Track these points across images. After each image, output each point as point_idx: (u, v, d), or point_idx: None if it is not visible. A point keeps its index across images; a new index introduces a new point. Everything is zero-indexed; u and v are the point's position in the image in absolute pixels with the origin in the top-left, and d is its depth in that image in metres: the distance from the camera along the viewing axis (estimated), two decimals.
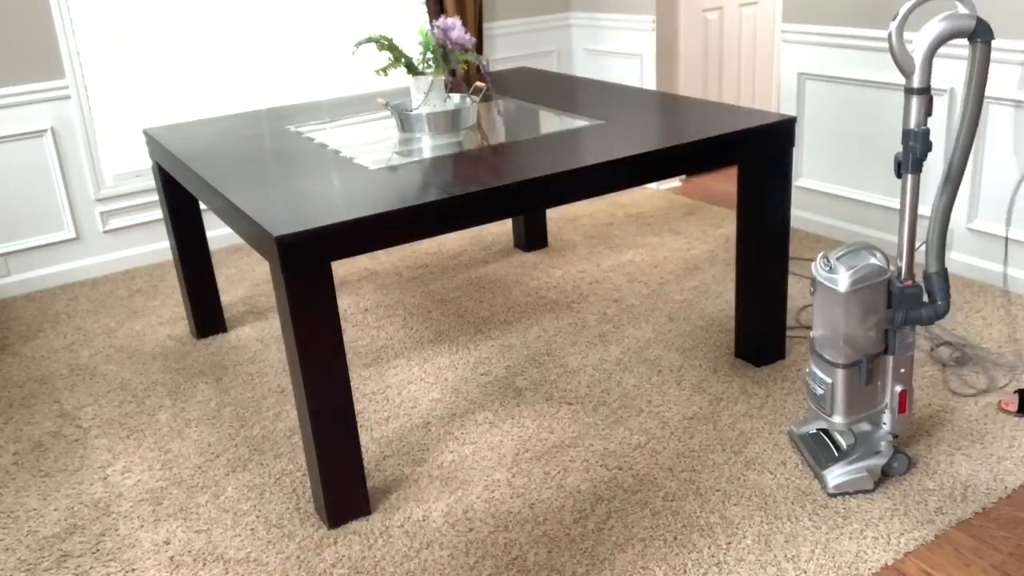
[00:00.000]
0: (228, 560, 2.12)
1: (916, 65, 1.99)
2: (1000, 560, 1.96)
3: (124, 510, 2.34)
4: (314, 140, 2.73)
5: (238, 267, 3.99)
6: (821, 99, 3.76)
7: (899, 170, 2.09)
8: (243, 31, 4.10)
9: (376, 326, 3.31)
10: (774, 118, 2.56)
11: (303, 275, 1.97)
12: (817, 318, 2.17)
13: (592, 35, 4.82)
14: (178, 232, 3.14)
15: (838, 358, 2.12)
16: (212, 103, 4.12)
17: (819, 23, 3.66)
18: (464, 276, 3.72)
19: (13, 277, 3.83)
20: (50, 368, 3.15)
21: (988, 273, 3.27)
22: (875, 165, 3.62)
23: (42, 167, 3.79)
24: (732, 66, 4.92)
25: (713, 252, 3.77)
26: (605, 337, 3.09)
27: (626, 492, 2.26)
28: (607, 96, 3.06)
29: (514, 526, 2.17)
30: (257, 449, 2.57)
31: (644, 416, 2.59)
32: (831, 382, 2.15)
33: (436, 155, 2.46)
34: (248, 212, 2.08)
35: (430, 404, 2.75)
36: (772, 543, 2.04)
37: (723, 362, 2.86)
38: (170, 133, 2.98)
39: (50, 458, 2.60)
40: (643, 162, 2.36)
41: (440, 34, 2.67)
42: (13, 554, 2.20)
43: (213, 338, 3.29)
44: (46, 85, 3.71)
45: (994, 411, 2.48)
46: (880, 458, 2.19)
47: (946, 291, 2.11)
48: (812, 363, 2.22)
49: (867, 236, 3.70)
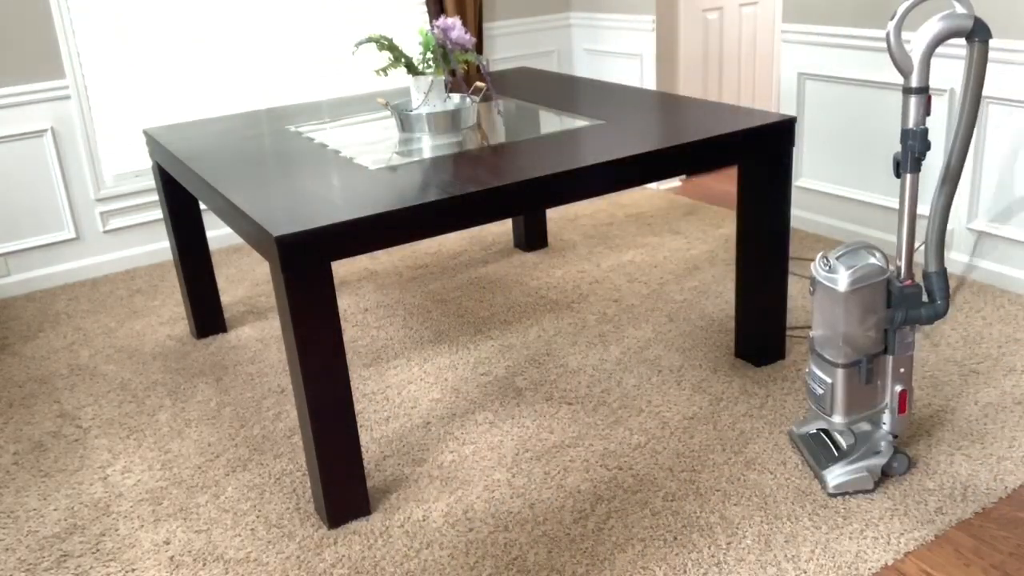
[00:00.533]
0: (228, 560, 2.12)
1: (914, 65, 1.99)
2: (1000, 560, 1.96)
3: (124, 510, 2.34)
4: (314, 140, 2.73)
5: (238, 267, 3.99)
6: (821, 99, 3.76)
7: (898, 170, 2.09)
8: (243, 31, 4.10)
9: (376, 326, 3.31)
10: (774, 118, 2.56)
11: (303, 275, 1.97)
12: (816, 318, 2.17)
13: (592, 35, 4.82)
14: (178, 232, 3.14)
15: (838, 358, 2.12)
16: (212, 103, 4.12)
17: (819, 23, 3.66)
18: (464, 276, 3.72)
19: (13, 277, 3.83)
20: (50, 368, 3.15)
21: (988, 273, 3.27)
22: (875, 165, 3.62)
23: (42, 167, 3.79)
24: (732, 66, 4.92)
25: (713, 252, 3.77)
26: (605, 337, 3.09)
27: (626, 492, 2.26)
28: (607, 96, 3.06)
29: (514, 526, 2.17)
30: (257, 449, 2.57)
31: (644, 416, 2.59)
32: (831, 382, 2.15)
33: (436, 155, 2.46)
34: (248, 212, 2.09)
35: (430, 404, 2.75)
36: (772, 543, 2.04)
37: (723, 362, 2.86)
38: (170, 133, 2.98)
39: (50, 458, 2.60)
40: (643, 162, 2.36)
41: (440, 34, 2.67)
42: (13, 554, 2.20)
43: (213, 338, 3.29)
44: (46, 85, 3.71)
45: (994, 411, 2.48)
46: (880, 458, 2.19)
47: (945, 291, 2.11)
48: (812, 363, 2.22)
49: (867, 236, 3.70)
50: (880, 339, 2.13)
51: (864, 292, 2.06)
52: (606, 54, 4.75)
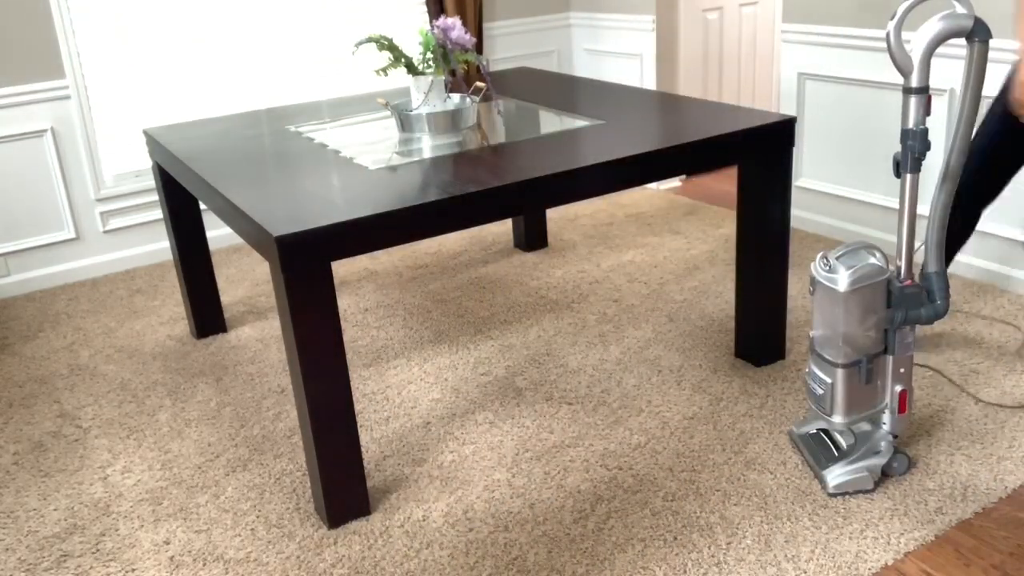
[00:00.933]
0: (228, 560, 2.12)
1: (915, 64, 1.99)
2: (1000, 560, 1.96)
3: (124, 510, 2.34)
4: (314, 140, 2.73)
5: (238, 267, 3.99)
6: (821, 99, 3.76)
7: (898, 170, 2.09)
8: (243, 31, 4.10)
9: (376, 326, 3.31)
10: (774, 118, 2.56)
11: (303, 275, 1.97)
12: (817, 318, 2.17)
13: (592, 35, 4.82)
14: (178, 232, 3.14)
15: (838, 358, 2.12)
16: (212, 103, 4.12)
17: (819, 23, 3.66)
18: (464, 276, 3.72)
19: (13, 277, 3.83)
20: (50, 368, 3.15)
21: (988, 273, 3.27)
22: (875, 165, 3.62)
23: (42, 167, 3.79)
24: (732, 66, 4.92)
25: (713, 252, 3.77)
26: (605, 337, 3.09)
27: (626, 492, 2.26)
28: (607, 96, 3.06)
29: (514, 526, 2.17)
30: (257, 449, 2.57)
31: (644, 416, 2.59)
32: (831, 382, 2.15)
33: (436, 155, 2.46)
34: (248, 212, 2.09)
35: (430, 404, 2.75)
36: (772, 543, 2.04)
37: (723, 362, 2.86)
38: (170, 133, 2.98)
39: (50, 458, 2.60)
40: (643, 162, 2.36)
41: (440, 34, 2.67)
42: (13, 554, 2.20)
43: (213, 338, 3.29)
44: (46, 85, 3.71)
45: (994, 411, 2.48)
46: (880, 458, 2.19)
47: (945, 290, 2.11)
48: (812, 363, 2.22)
49: (867, 236, 3.70)
50: (880, 339, 2.13)
51: (864, 292, 2.06)
52: (606, 54, 4.76)
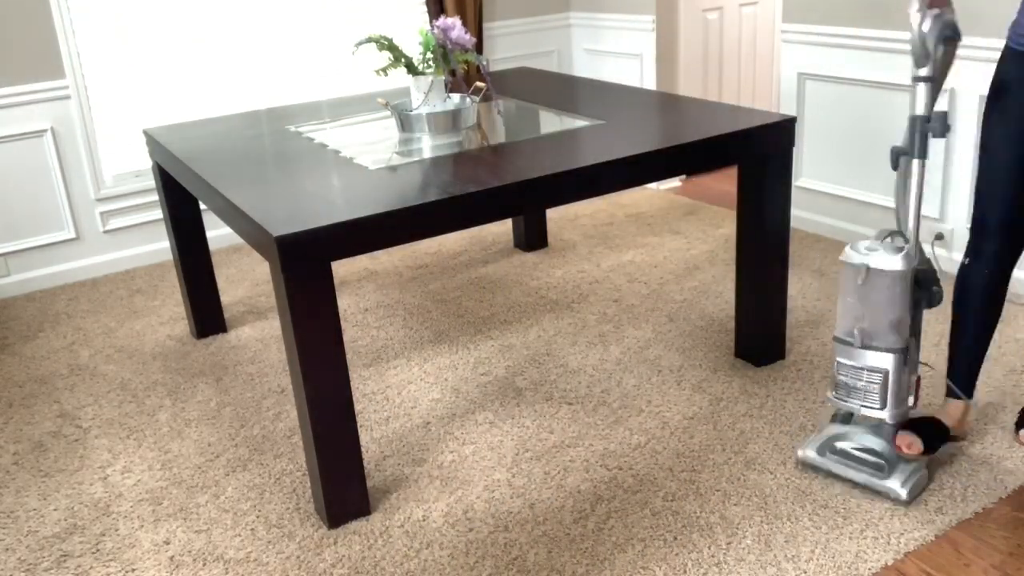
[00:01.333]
0: (228, 560, 2.12)
1: (931, 51, 1.98)
2: (1000, 560, 1.96)
3: (124, 510, 2.34)
4: (314, 140, 2.73)
5: (238, 267, 3.99)
6: (821, 99, 3.76)
7: (896, 162, 2.09)
8: (243, 31, 4.10)
9: (376, 326, 3.31)
10: (774, 118, 2.56)
11: (303, 275, 1.97)
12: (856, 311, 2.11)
13: (592, 35, 4.82)
14: (178, 232, 3.14)
15: (896, 344, 2.08)
16: (212, 103, 4.12)
17: (819, 23, 3.66)
18: (464, 276, 3.72)
19: (13, 277, 3.83)
20: (50, 368, 3.15)
21: None
22: (875, 165, 3.62)
23: (42, 167, 3.79)
24: (732, 66, 4.92)
25: (713, 252, 3.77)
26: (605, 337, 3.09)
27: (626, 492, 2.26)
28: (607, 96, 3.06)
29: (514, 526, 2.17)
30: (257, 449, 2.57)
31: (644, 416, 2.59)
32: (887, 369, 2.10)
33: (436, 155, 2.46)
34: (248, 212, 2.09)
35: (430, 404, 2.75)
36: (772, 543, 2.04)
37: (723, 362, 2.86)
38: (170, 133, 2.98)
39: (50, 458, 2.60)
40: (643, 162, 2.36)
41: (440, 34, 2.67)
42: (13, 554, 2.20)
43: (213, 338, 3.29)
44: (46, 85, 3.71)
45: (994, 411, 2.48)
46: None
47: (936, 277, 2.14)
48: (854, 360, 2.15)
49: (867, 236, 3.70)
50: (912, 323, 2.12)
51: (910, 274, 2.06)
52: (606, 54, 4.75)
